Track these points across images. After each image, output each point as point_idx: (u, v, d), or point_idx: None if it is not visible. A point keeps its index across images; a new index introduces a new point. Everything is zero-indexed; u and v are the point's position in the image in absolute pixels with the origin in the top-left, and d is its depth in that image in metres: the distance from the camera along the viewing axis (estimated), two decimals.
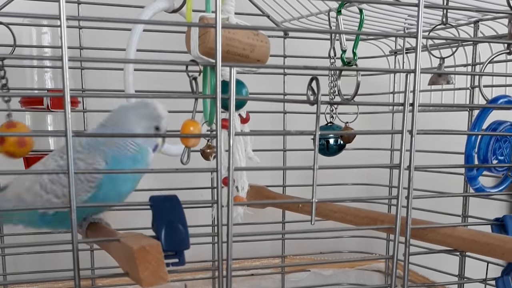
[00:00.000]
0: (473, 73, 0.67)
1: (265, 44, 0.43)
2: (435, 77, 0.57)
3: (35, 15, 0.34)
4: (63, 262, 0.55)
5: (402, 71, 0.59)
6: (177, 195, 0.40)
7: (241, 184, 0.46)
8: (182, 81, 0.42)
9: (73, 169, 0.33)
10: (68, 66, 0.31)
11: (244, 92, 0.44)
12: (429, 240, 0.48)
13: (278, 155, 0.78)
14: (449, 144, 0.62)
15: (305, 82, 0.37)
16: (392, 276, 0.40)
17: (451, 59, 0.60)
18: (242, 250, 0.58)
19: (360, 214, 0.54)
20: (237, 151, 0.45)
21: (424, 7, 0.37)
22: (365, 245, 0.86)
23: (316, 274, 0.84)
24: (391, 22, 0.68)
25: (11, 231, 0.67)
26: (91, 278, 0.69)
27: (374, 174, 0.87)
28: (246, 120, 0.47)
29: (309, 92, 0.37)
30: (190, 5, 0.43)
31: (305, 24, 0.72)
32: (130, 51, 0.47)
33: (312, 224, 0.39)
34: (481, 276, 0.54)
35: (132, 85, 0.47)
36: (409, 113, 0.38)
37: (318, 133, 0.37)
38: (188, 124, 0.39)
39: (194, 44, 0.40)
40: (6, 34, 0.59)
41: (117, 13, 0.65)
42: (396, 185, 0.39)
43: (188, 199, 0.40)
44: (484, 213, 0.64)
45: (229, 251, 0.35)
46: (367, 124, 0.81)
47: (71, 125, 0.32)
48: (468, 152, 0.51)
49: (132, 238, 0.36)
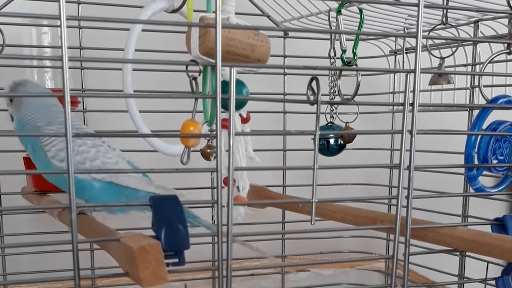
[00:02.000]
0: (473, 73, 0.67)
1: (265, 44, 0.43)
2: (436, 77, 0.57)
3: (35, 15, 0.34)
4: (63, 262, 0.55)
5: (402, 71, 0.59)
6: (177, 195, 0.40)
7: (242, 184, 0.46)
8: (182, 81, 0.42)
9: (73, 169, 0.33)
10: (68, 66, 0.31)
11: (245, 92, 0.44)
12: (429, 240, 0.48)
13: (278, 155, 0.78)
14: (449, 144, 0.62)
15: (305, 82, 0.37)
16: (392, 276, 0.40)
17: (451, 59, 0.60)
18: (242, 250, 0.58)
19: (360, 214, 0.54)
20: (237, 151, 0.44)
21: (424, 7, 0.37)
22: (365, 245, 0.86)
23: (316, 274, 0.84)
24: (391, 22, 0.68)
25: (11, 231, 0.67)
26: (91, 278, 0.69)
27: (374, 174, 0.87)
28: (247, 120, 0.47)
29: (309, 92, 0.37)
30: (191, 5, 0.43)
31: (305, 24, 0.72)
32: (128, 51, 0.47)
33: (312, 224, 0.39)
34: (481, 276, 0.54)
35: (130, 85, 0.47)
36: (409, 113, 0.38)
37: (318, 133, 0.37)
38: (188, 124, 0.39)
39: (195, 44, 0.40)
40: (6, 34, 0.59)
41: (117, 13, 0.65)
42: (396, 185, 0.39)
43: (188, 199, 0.40)
44: (484, 213, 0.64)
45: (229, 251, 0.35)
46: (367, 124, 0.81)
47: (71, 125, 0.32)
48: (468, 152, 0.51)
49: (132, 238, 0.36)
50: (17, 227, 0.70)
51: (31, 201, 0.61)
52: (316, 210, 0.38)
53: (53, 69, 0.63)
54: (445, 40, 0.66)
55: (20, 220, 0.72)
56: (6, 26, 0.58)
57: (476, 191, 0.52)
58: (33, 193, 0.61)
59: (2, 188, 0.66)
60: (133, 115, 0.48)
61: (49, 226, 0.64)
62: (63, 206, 0.36)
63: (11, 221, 0.68)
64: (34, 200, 0.60)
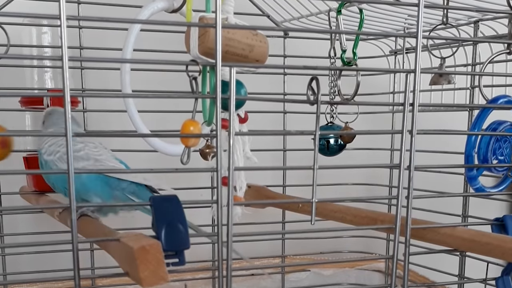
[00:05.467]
0: (473, 73, 0.67)
1: (263, 44, 0.43)
2: (436, 77, 0.57)
3: (35, 15, 0.34)
4: (63, 262, 0.55)
5: (402, 71, 0.59)
6: (177, 195, 0.40)
7: (239, 184, 0.46)
8: (182, 81, 0.42)
9: (73, 169, 0.33)
10: (68, 66, 0.31)
11: (243, 92, 0.44)
12: (429, 240, 0.48)
13: (278, 155, 0.78)
14: (449, 144, 0.62)
15: (305, 82, 0.37)
16: (392, 276, 0.40)
17: (451, 59, 0.60)
18: (242, 250, 0.58)
19: (360, 214, 0.54)
20: (235, 151, 0.44)
21: (424, 7, 0.37)
22: (365, 245, 0.86)
23: (316, 274, 0.84)
24: (391, 22, 0.68)
25: (11, 231, 0.67)
26: (91, 278, 0.69)
27: (374, 174, 0.87)
28: (245, 120, 0.47)
29: (309, 92, 0.37)
30: (190, 5, 0.43)
31: (305, 24, 0.72)
32: (126, 51, 0.47)
33: (312, 224, 0.39)
34: (481, 276, 0.54)
35: (129, 85, 0.47)
36: (409, 113, 0.38)
37: (318, 133, 0.37)
38: (188, 124, 0.39)
39: (194, 44, 0.40)
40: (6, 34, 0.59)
41: (117, 13, 0.65)
42: (396, 185, 0.39)
43: (188, 199, 0.40)
44: (484, 213, 0.64)
45: (229, 251, 0.35)
46: (367, 124, 0.81)
47: (71, 125, 0.32)
48: (468, 152, 0.51)
49: (132, 238, 0.36)
50: (17, 227, 0.70)
51: (29, 201, 0.61)
52: (316, 210, 0.38)
53: (53, 69, 0.63)
54: (445, 40, 0.66)
55: (20, 220, 0.72)
56: (6, 26, 0.58)
57: (476, 191, 0.52)
58: (32, 193, 0.61)
59: (2, 188, 0.66)
60: (132, 115, 0.48)
61: (49, 226, 0.64)
62: (63, 206, 0.36)
63: (11, 221, 0.68)
64: (33, 200, 0.60)
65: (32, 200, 0.60)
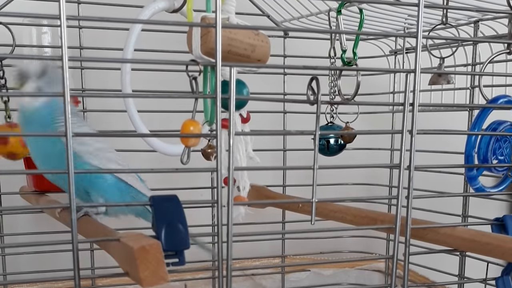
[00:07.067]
0: (473, 73, 0.67)
1: (265, 44, 0.43)
2: (435, 77, 0.57)
3: (35, 15, 0.34)
4: (63, 262, 0.55)
5: (402, 71, 0.59)
6: (177, 195, 0.40)
7: (243, 184, 0.46)
8: (182, 81, 0.42)
9: (73, 169, 0.33)
10: (68, 66, 0.31)
11: (245, 92, 0.44)
12: (429, 240, 0.48)
13: (278, 155, 0.78)
14: (449, 144, 0.62)
15: (305, 82, 0.37)
16: (392, 276, 0.40)
17: (451, 59, 0.60)
18: (242, 250, 0.58)
19: (360, 214, 0.54)
20: (237, 151, 0.44)
21: (424, 7, 0.37)
22: (365, 245, 0.86)
23: (316, 274, 0.84)
24: (391, 22, 0.68)
25: (11, 231, 0.67)
26: (91, 278, 0.69)
27: (374, 174, 0.87)
28: (247, 120, 0.47)
29: (309, 92, 0.37)
30: (191, 5, 0.43)
31: (305, 24, 0.72)
32: (127, 51, 0.47)
33: (312, 224, 0.39)
34: (481, 276, 0.54)
35: (129, 85, 0.47)
36: (409, 113, 0.38)
37: (318, 133, 0.37)
38: (188, 124, 0.39)
39: (196, 44, 0.40)
40: (6, 34, 0.59)
41: (117, 13, 0.65)
42: (396, 185, 0.39)
43: (188, 199, 0.40)
44: (484, 213, 0.64)
45: (229, 251, 0.35)
46: (367, 124, 0.81)
47: (71, 124, 0.32)
48: (468, 152, 0.51)
49: (132, 238, 0.36)
50: (17, 227, 0.70)
51: (29, 201, 0.61)
52: (316, 210, 0.38)
53: None
54: (445, 40, 0.66)
55: (20, 220, 0.72)
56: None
57: (476, 191, 0.52)
58: (32, 193, 0.61)
59: (2, 188, 0.66)
60: (132, 115, 0.48)
61: (49, 226, 0.64)
62: (63, 206, 0.36)
63: (11, 221, 0.69)
64: (33, 200, 0.60)
65: (32, 200, 0.60)
